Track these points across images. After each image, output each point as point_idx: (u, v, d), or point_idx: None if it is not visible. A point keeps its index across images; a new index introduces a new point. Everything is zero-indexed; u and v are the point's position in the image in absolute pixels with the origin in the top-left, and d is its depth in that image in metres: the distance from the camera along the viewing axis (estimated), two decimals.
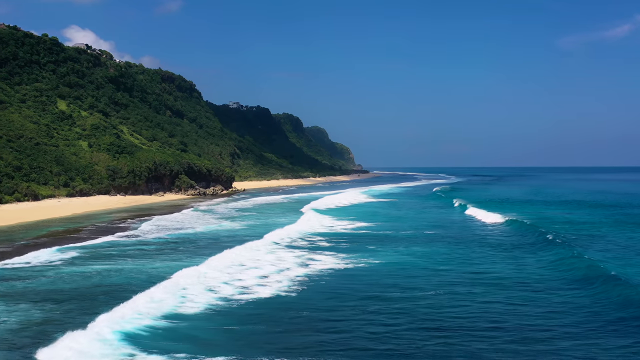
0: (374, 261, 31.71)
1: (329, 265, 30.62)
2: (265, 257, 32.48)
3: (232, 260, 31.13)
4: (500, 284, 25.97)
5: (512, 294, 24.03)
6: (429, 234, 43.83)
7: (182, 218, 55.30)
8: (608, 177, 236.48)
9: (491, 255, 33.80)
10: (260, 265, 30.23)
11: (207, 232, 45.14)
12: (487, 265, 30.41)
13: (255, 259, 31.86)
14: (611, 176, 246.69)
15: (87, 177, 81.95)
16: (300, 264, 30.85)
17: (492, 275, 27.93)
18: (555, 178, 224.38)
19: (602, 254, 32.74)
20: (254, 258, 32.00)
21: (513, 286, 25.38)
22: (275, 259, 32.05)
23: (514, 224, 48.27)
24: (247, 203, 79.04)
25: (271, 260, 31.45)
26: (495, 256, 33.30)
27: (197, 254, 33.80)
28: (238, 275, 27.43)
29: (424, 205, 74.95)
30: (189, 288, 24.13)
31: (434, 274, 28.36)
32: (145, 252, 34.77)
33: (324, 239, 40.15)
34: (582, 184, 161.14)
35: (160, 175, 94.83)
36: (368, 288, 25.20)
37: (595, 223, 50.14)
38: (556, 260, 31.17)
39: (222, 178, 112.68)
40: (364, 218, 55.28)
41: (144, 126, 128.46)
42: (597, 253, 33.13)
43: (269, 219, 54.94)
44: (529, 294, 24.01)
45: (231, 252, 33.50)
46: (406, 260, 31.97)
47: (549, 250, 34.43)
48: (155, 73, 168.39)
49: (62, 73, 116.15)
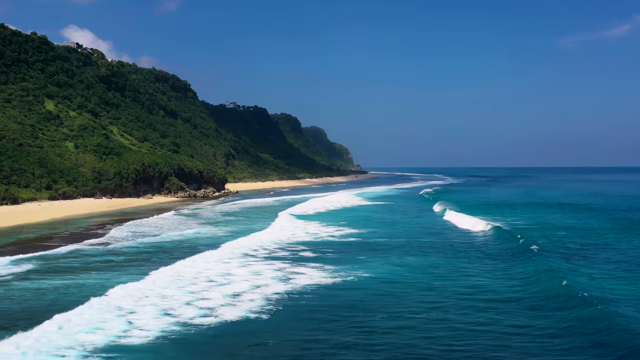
0: (364, 274, 29.11)
1: (312, 279, 27.97)
2: (240, 271, 29.86)
3: (202, 274, 28.62)
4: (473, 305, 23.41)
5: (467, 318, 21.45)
6: (423, 241, 41.30)
7: (162, 223, 52.72)
8: (606, 177, 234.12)
9: (464, 268, 30.97)
10: (233, 280, 27.69)
11: (185, 239, 42.59)
12: (459, 281, 27.90)
13: (229, 272, 29.30)
14: (610, 177, 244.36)
15: (72, 179, 79.41)
16: (280, 278, 28.22)
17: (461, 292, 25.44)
18: (552, 179, 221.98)
19: (583, 269, 29.73)
20: (228, 272, 29.44)
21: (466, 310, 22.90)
22: (252, 272, 29.45)
23: (497, 230, 44.71)
24: (235, 206, 76.53)
25: (247, 275, 28.85)
26: (469, 269, 30.58)
27: (168, 266, 31.27)
28: (205, 293, 24.89)
29: (413, 210, 72.13)
30: (138, 312, 21.45)
31: (424, 292, 25.85)
32: (113, 263, 32.25)
33: (309, 249, 37.49)
34: (576, 185, 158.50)
35: (148, 177, 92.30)
36: (352, 310, 22.57)
37: (578, 229, 46.97)
38: (526, 277, 28.25)
39: (214, 180, 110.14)
40: (354, 223, 52.71)
41: (135, 126, 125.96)
42: (577, 267, 30.14)
43: (255, 224, 52.33)
44: (485, 315, 21.58)
45: (204, 264, 31.04)
46: (398, 274, 29.40)
47: (523, 263, 31.74)
48: (148, 72, 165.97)
49: (51, 72, 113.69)
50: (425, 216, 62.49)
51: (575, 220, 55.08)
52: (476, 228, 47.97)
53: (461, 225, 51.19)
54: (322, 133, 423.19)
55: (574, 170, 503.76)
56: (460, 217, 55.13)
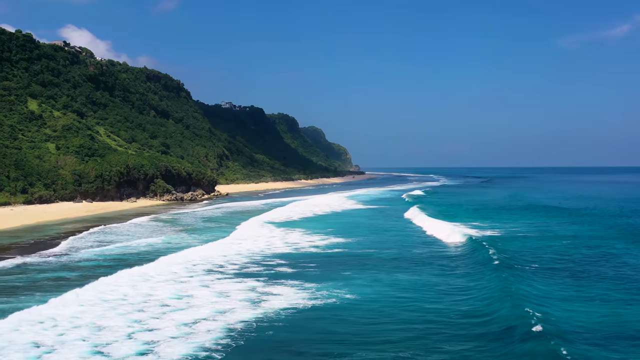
0: (347, 296, 25.52)
1: (289, 301, 24.42)
2: (203, 291, 26.10)
3: (155, 296, 25.03)
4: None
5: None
6: (415, 253, 37.70)
7: (134, 231, 48.98)
8: (602, 178, 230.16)
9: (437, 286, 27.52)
10: (193, 303, 24.06)
11: (153, 250, 38.85)
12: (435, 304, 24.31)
13: (189, 293, 25.71)
14: (606, 177, 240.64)
15: (50, 182, 75.72)
16: (250, 301, 24.59)
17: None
18: (546, 180, 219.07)
19: (547, 288, 26.05)
20: (188, 292, 25.85)
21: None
22: (217, 293, 25.75)
23: (469, 241, 40.35)
24: (219, 211, 72.81)
25: (211, 297, 25.15)
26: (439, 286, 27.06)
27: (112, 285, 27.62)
28: (155, 322, 21.26)
29: (395, 217, 67.60)
30: (59, 349, 17.75)
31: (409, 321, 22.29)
32: (62, 281, 28.59)
33: (288, 262, 33.75)
34: (567, 186, 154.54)
35: (133, 180, 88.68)
36: (327, 344, 19.07)
37: (554, 238, 42.76)
38: (485, 300, 24.71)
39: (203, 182, 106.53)
40: (342, 231, 48.96)
41: (124, 127, 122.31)
42: (542, 288, 26.24)
43: (235, 232, 48.53)
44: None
45: (161, 282, 27.46)
46: (386, 295, 25.82)
47: (477, 278, 28.43)
48: (139, 72, 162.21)
49: (36, 71, 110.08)
50: (394, 222, 57.89)
51: (556, 226, 50.95)
52: (442, 235, 44.48)
53: (431, 232, 47.89)
54: (320, 133, 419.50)
55: (573, 170, 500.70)
56: (431, 222, 52.76)
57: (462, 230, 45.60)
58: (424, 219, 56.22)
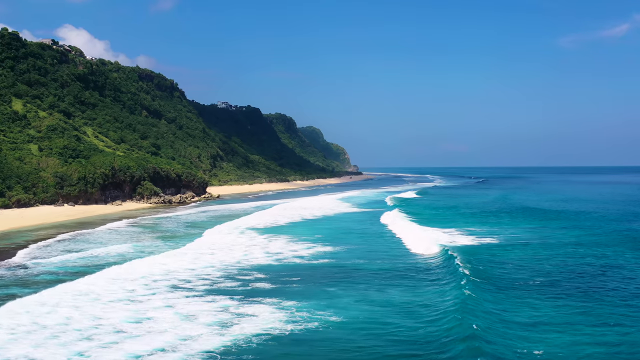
0: (331, 318, 22.70)
1: (264, 325, 21.58)
2: (166, 313, 23.07)
3: (108, 319, 22.08)
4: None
5: None
6: (405, 266, 34.78)
7: (108, 237, 45.86)
8: (599, 179, 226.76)
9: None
10: (152, 329, 21.10)
11: (123, 260, 35.46)
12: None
13: (150, 315, 22.76)
14: (604, 178, 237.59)
15: (30, 185, 72.67)
16: (220, 324, 21.72)
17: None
18: (540, 180, 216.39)
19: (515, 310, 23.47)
20: (147, 314, 22.89)
21: None
22: (182, 316, 22.71)
23: (444, 254, 36.91)
24: (206, 214, 69.75)
25: (174, 320, 22.15)
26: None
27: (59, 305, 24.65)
28: (99, 353, 18.39)
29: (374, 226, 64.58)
30: None
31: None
32: (9, 300, 25.62)
33: (267, 276, 30.68)
34: (560, 187, 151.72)
35: (119, 182, 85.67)
36: None
37: (532, 247, 39.67)
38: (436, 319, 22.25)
39: (193, 183, 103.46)
40: (330, 238, 45.83)
41: (113, 127, 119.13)
42: (508, 309, 23.61)
43: (216, 239, 45.33)
44: None
45: (121, 302, 24.51)
46: (375, 317, 22.87)
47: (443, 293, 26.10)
48: (132, 71, 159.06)
49: (22, 70, 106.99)
50: (373, 229, 54.65)
51: (536, 232, 48.09)
52: (420, 247, 40.94)
53: (403, 238, 45.73)
54: (318, 133, 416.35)
55: (571, 170, 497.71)
56: (407, 227, 50.92)
57: (437, 239, 42.65)
58: (403, 225, 53.55)
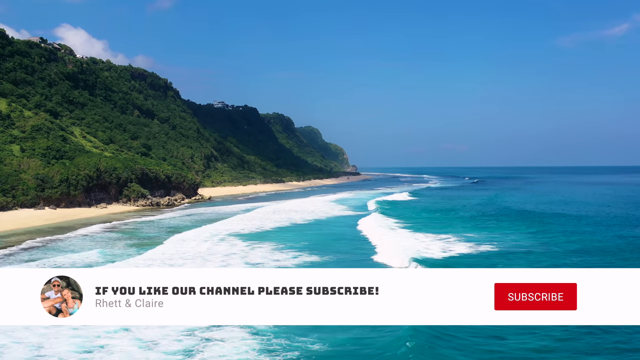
0: (313, 347, 19.54)
1: (231, 357, 18.49)
2: (122, 341, 20.10)
3: (52, 349, 19.18)
4: None
5: None
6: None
7: (80, 245, 42.75)
8: (603, 179, 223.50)
9: None
10: None
11: None
12: None
13: (103, 344, 19.80)
14: (606, 178, 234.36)
15: (10, 187, 69.76)
16: (184, 353, 18.80)
17: None
18: (537, 180, 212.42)
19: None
20: (102, 343, 19.94)
21: None
22: (143, 343, 19.69)
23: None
24: (192, 217, 66.68)
25: (134, 348, 19.15)
26: None
27: None
28: None
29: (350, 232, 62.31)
30: None
31: None
32: None
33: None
34: (555, 187, 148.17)
35: (105, 184, 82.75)
36: None
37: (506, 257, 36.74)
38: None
39: (183, 185, 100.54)
40: (318, 245, 42.60)
41: (102, 127, 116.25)
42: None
43: (196, 247, 42.38)
44: None
45: (41, 338, 21.53)
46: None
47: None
48: (124, 70, 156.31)
49: (7, 69, 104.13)
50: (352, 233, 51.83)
51: (536, 238, 45.21)
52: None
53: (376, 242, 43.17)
54: (317, 133, 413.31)
55: (571, 170, 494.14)
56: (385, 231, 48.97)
57: (415, 248, 39.87)
58: (381, 231, 50.62)
